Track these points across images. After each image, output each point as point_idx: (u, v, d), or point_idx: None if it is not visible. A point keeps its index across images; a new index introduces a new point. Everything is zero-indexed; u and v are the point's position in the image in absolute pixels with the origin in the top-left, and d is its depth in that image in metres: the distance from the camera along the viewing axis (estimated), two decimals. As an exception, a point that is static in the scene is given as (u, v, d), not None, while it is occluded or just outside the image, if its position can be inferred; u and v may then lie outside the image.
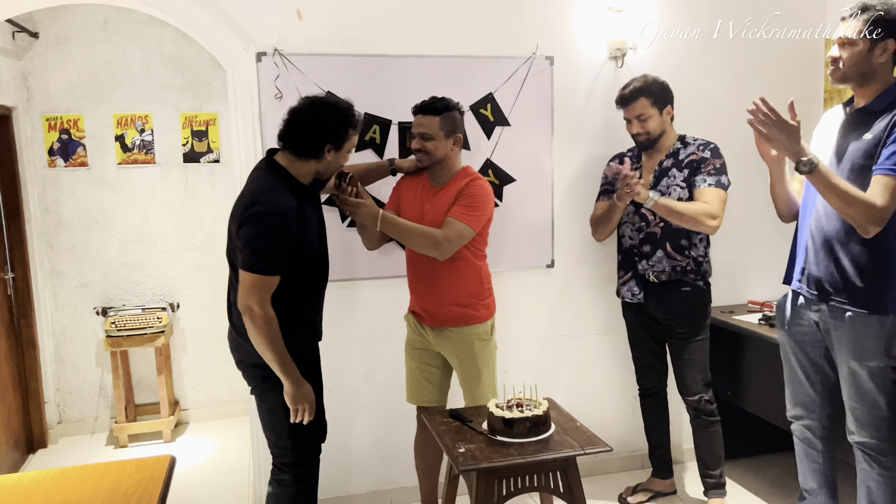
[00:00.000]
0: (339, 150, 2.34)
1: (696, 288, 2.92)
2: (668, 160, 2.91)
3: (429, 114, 2.60)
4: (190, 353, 4.46)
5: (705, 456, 3.06)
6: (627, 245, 3.00)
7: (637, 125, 2.88)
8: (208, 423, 4.45)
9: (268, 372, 2.32)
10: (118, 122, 4.21)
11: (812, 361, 2.45)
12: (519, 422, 2.29)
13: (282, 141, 2.33)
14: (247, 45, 2.89)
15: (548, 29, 3.16)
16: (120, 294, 4.30)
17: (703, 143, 2.90)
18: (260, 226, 2.21)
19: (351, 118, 2.33)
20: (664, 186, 2.88)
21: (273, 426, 2.42)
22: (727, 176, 2.86)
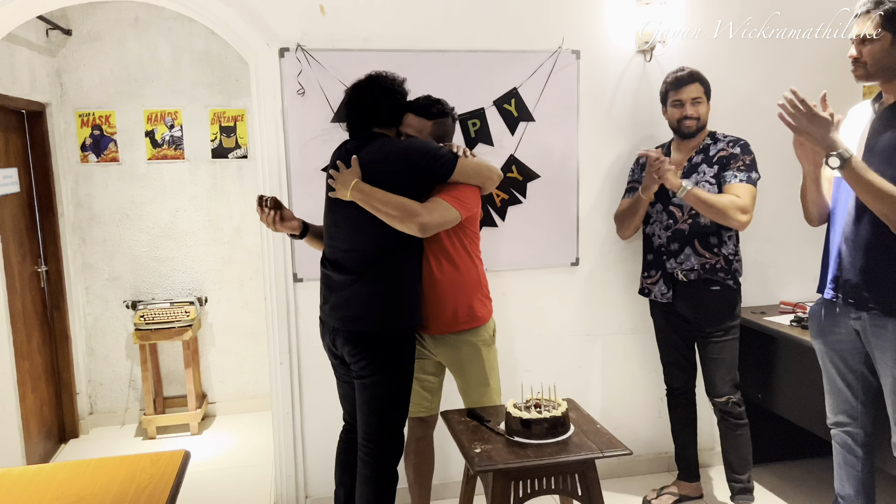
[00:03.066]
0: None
1: (725, 287, 2.86)
2: (699, 156, 2.86)
3: (421, 116, 2.50)
4: (217, 347, 4.51)
5: (732, 459, 2.98)
6: (657, 244, 2.94)
7: (690, 107, 2.83)
8: (235, 416, 4.49)
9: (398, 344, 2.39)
10: (148, 118, 4.26)
11: (852, 369, 2.35)
12: (537, 423, 2.25)
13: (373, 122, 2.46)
14: (270, 40, 2.89)
15: (574, 22, 3.10)
16: (149, 288, 4.36)
17: (732, 139, 2.86)
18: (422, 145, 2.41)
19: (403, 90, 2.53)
20: (693, 182, 2.81)
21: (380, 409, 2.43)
22: (757, 172, 2.81)
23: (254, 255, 4.41)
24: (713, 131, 2.91)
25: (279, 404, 3.07)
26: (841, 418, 2.41)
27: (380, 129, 2.47)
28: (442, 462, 3.21)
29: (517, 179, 3.13)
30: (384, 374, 2.40)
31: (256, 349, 4.49)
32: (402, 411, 2.48)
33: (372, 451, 2.44)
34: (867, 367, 2.31)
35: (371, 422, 2.43)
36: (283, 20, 2.89)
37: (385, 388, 2.41)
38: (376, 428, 2.43)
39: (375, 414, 2.42)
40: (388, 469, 2.46)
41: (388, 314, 2.39)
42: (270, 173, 2.94)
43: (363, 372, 2.40)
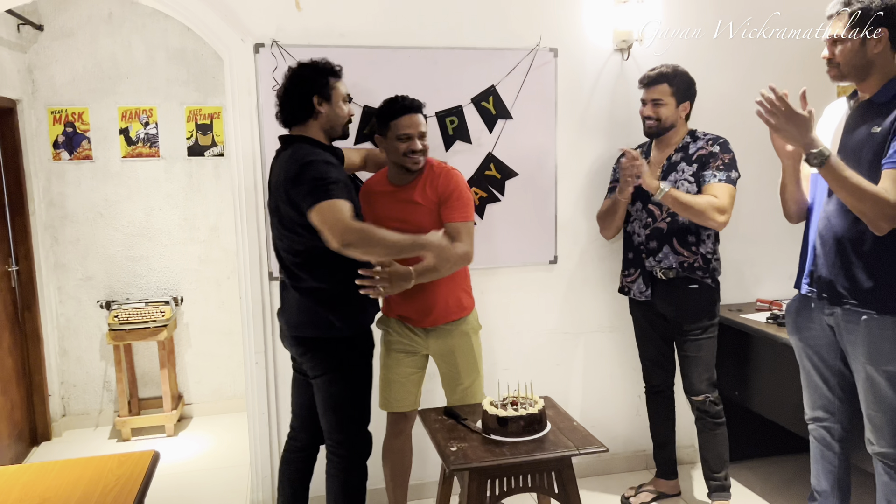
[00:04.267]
0: (330, 100, 2.35)
1: (704, 286, 2.86)
2: (678, 154, 2.86)
3: (419, 113, 2.54)
4: (194, 348, 4.45)
5: (709, 458, 2.99)
6: (636, 242, 2.94)
7: (650, 108, 2.83)
8: (211, 417, 4.44)
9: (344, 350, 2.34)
10: (123, 116, 4.20)
11: (828, 365, 2.36)
12: (513, 420, 2.24)
13: (282, 121, 2.40)
14: (244, 36, 2.86)
15: (552, 20, 3.10)
16: (124, 287, 4.30)
17: (712, 137, 2.85)
18: (310, 168, 2.21)
19: (326, 67, 2.36)
20: (672, 181, 2.81)
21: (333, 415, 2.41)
22: (737, 171, 2.80)
23: (230, 255, 4.36)
24: (693, 129, 2.90)
25: (255, 405, 3.03)
26: (818, 413, 2.42)
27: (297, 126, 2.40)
28: (419, 462, 3.18)
29: (495, 177, 3.11)
30: (333, 374, 2.39)
31: (233, 349, 4.43)
32: (360, 410, 2.45)
33: (336, 450, 2.43)
34: (843, 362, 2.32)
35: (330, 419, 2.41)
36: (257, 15, 2.85)
37: (338, 387, 2.39)
38: (336, 426, 2.41)
39: (333, 411, 2.41)
40: (353, 467, 2.44)
41: (324, 322, 2.35)
42: (245, 171, 2.91)
43: (312, 373, 2.41)
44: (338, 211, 2.14)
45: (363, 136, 2.97)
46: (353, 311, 2.39)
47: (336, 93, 2.37)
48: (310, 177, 2.19)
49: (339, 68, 2.41)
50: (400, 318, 2.68)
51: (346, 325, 2.35)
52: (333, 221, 2.13)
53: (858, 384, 2.22)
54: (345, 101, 2.42)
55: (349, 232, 2.13)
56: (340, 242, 2.13)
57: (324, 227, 2.15)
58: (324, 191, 2.15)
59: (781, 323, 2.99)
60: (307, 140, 2.35)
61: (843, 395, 2.37)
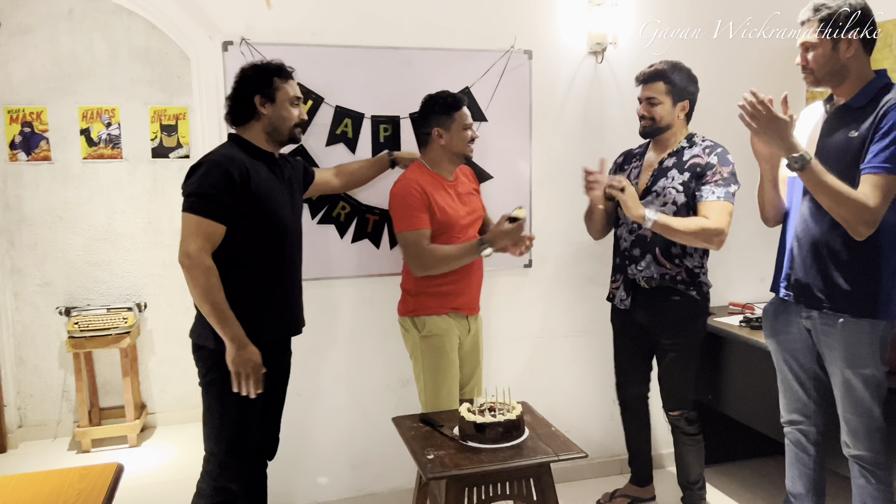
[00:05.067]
0: (273, 100, 2.28)
1: (687, 297, 2.71)
2: (671, 159, 2.71)
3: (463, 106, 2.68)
4: (158, 355, 4.32)
5: (685, 467, 2.91)
6: (622, 248, 2.82)
7: (645, 107, 2.71)
8: (176, 427, 4.30)
9: (212, 362, 2.19)
10: (84, 116, 4.07)
11: (804, 368, 2.36)
12: (491, 427, 2.20)
13: (228, 121, 2.34)
14: (212, 33, 2.77)
15: (526, 22, 3.07)
16: (84, 293, 4.15)
17: (710, 145, 2.69)
18: (200, 170, 2.15)
19: (270, 66, 2.30)
20: (660, 187, 2.68)
21: (205, 426, 2.27)
22: (736, 182, 2.64)
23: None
24: (692, 133, 2.74)
25: (222, 413, 2.94)
26: (794, 416, 2.42)
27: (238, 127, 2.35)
28: (393, 470, 3.13)
29: (469, 180, 3.07)
30: (203, 389, 2.29)
31: (199, 357, 4.31)
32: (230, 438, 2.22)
33: (204, 463, 2.31)
34: (819, 365, 2.33)
35: (203, 428, 2.29)
36: (226, 12, 2.77)
37: (206, 403, 2.27)
38: (206, 437, 2.29)
39: (204, 429, 2.28)
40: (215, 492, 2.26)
41: (198, 329, 2.26)
42: (213, 172, 2.82)
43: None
44: (189, 227, 2.12)
45: (336, 136, 2.90)
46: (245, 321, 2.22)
47: (281, 94, 2.29)
48: (193, 178, 2.16)
49: (290, 69, 2.35)
50: (455, 311, 2.70)
51: (217, 337, 2.17)
52: (182, 236, 2.13)
53: (835, 387, 2.22)
54: (293, 103, 2.33)
55: (185, 256, 2.11)
56: (179, 260, 2.13)
57: (181, 238, 2.14)
58: (189, 199, 2.14)
59: (755, 326, 3.00)
60: (238, 141, 2.30)
61: (818, 399, 2.37)
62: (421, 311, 2.67)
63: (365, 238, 2.99)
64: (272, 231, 2.28)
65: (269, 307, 2.29)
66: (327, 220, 2.94)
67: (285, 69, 2.33)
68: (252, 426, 2.26)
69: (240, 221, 2.18)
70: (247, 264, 2.23)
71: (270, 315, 2.30)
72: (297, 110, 2.34)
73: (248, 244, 2.22)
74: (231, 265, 2.18)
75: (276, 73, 2.30)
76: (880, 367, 2.14)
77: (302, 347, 2.85)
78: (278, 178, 2.35)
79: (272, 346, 2.32)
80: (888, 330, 2.15)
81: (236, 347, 2.14)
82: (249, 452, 2.28)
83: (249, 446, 2.27)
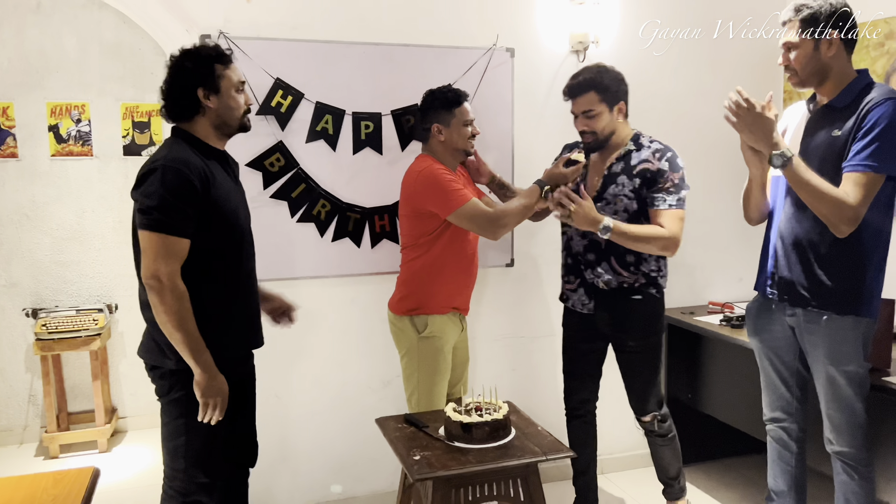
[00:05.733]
0: (218, 91, 2.07)
1: (648, 296, 2.62)
2: (618, 164, 2.57)
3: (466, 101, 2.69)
4: (129, 358, 4.21)
5: (663, 466, 2.86)
6: (574, 250, 2.69)
7: (583, 122, 2.55)
8: (148, 431, 4.19)
9: (175, 380, 2.05)
10: (52, 112, 3.95)
11: (787, 366, 2.37)
12: (478, 426, 2.17)
13: (167, 117, 2.12)
14: (189, 26, 2.71)
15: (509, 20, 3.06)
16: (52, 294, 4.03)
17: (659, 148, 2.54)
18: (155, 177, 1.94)
19: (210, 53, 2.08)
20: (611, 195, 2.55)
21: (169, 444, 2.11)
22: (686, 186, 2.55)
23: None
24: (638, 133, 2.61)
25: (199, 416, 2.86)
26: (777, 414, 2.43)
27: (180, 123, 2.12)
28: (375, 471, 3.08)
29: (451, 178, 3.04)
30: (164, 406, 2.12)
31: (172, 359, 4.21)
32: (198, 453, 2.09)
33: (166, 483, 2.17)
34: (802, 363, 2.34)
35: (163, 449, 2.14)
36: (203, 5, 2.71)
37: (169, 420, 2.11)
38: (167, 458, 2.14)
39: (164, 446, 2.13)
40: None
41: (152, 348, 2.08)
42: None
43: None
44: (154, 247, 1.93)
45: (316, 133, 2.85)
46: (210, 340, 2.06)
47: (226, 82, 2.08)
48: (149, 187, 1.95)
49: (229, 52, 2.13)
50: (455, 310, 2.69)
51: (178, 358, 2.02)
52: (147, 256, 1.95)
53: (818, 384, 2.23)
54: (238, 89, 2.12)
55: (154, 279, 1.93)
56: (145, 281, 1.95)
57: (143, 257, 1.96)
58: (149, 215, 1.94)
59: (735, 325, 3.02)
60: (185, 137, 2.09)
61: (801, 396, 2.39)
62: (424, 309, 2.62)
63: (346, 237, 2.95)
64: (231, 239, 2.11)
65: (233, 321, 2.14)
66: (307, 218, 2.89)
67: (225, 53, 2.12)
68: (220, 438, 2.13)
69: (200, 231, 2.00)
70: (208, 277, 2.05)
71: (235, 329, 2.15)
72: (244, 96, 2.15)
73: (208, 255, 2.04)
74: (192, 278, 1.99)
75: (217, 60, 2.08)
76: (863, 364, 2.16)
77: (281, 349, 2.80)
78: (231, 179, 2.19)
79: (236, 361, 2.19)
80: (871, 327, 2.17)
81: (208, 378, 1.99)
82: (219, 464, 2.15)
83: (219, 458, 2.14)
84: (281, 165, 2.83)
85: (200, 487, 2.11)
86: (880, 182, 2.04)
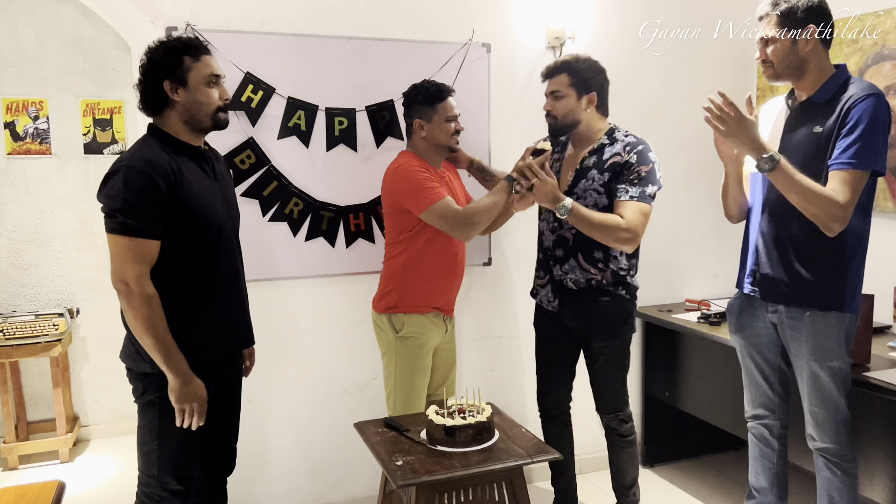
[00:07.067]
0: (185, 84, 1.99)
1: (616, 297, 2.56)
2: (591, 158, 2.52)
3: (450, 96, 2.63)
4: (92, 364, 4.06)
5: (620, 472, 2.77)
6: (545, 245, 2.66)
7: (549, 103, 2.53)
8: (112, 439, 4.05)
9: (152, 384, 1.99)
10: (8, 108, 3.79)
11: (769, 363, 2.36)
12: (461, 430, 2.11)
13: (142, 110, 2.06)
14: (155, 18, 2.60)
15: (484, 14, 3.01)
16: (9, 299, 3.86)
17: (631, 141, 2.49)
18: (118, 178, 1.88)
19: (178, 44, 2.01)
20: (581, 189, 2.50)
21: (142, 448, 2.04)
22: (654, 183, 2.45)
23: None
24: (613, 128, 2.56)
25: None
26: (759, 411, 2.42)
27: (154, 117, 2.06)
28: (353, 477, 3.01)
29: (427, 176, 2.98)
30: (140, 408, 2.06)
31: (137, 364, 4.07)
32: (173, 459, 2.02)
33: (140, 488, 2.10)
34: (784, 360, 2.33)
35: (138, 451, 2.08)
36: (170, -4, 2.61)
37: (144, 423, 2.04)
38: (141, 463, 2.07)
39: (139, 450, 2.07)
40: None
41: (131, 353, 2.03)
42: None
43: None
44: (121, 251, 1.88)
45: (288, 129, 2.76)
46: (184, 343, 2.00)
47: (194, 74, 2.00)
48: (111, 189, 1.89)
49: (201, 44, 2.05)
50: (436, 311, 2.63)
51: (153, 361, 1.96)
52: (115, 260, 1.90)
53: (801, 381, 2.23)
54: (210, 83, 2.03)
55: (122, 283, 1.88)
56: (113, 285, 1.91)
57: (111, 260, 1.92)
58: (113, 217, 1.88)
59: (713, 322, 3.01)
60: (157, 133, 2.03)
61: (783, 393, 2.38)
62: (402, 308, 2.57)
63: (319, 236, 2.87)
64: (205, 238, 2.03)
65: (207, 322, 2.06)
66: (279, 217, 2.80)
67: (197, 44, 2.03)
68: (196, 444, 2.05)
69: (168, 231, 1.94)
70: (177, 278, 1.98)
71: (210, 331, 2.08)
72: (217, 90, 2.05)
73: (177, 255, 1.98)
74: (163, 279, 1.94)
75: (185, 51, 2.00)
76: (846, 360, 2.15)
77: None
78: (208, 176, 2.09)
79: (214, 364, 2.11)
80: (853, 323, 2.17)
81: (181, 383, 1.94)
82: (194, 471, 2.07)
83: (194, 465, 2.06)
84: (252, 163, 2.74)
85: (173, 494, 2.04)
86: (866, 178, 2.04)
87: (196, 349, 2.01)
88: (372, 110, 2.86)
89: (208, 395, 2.03)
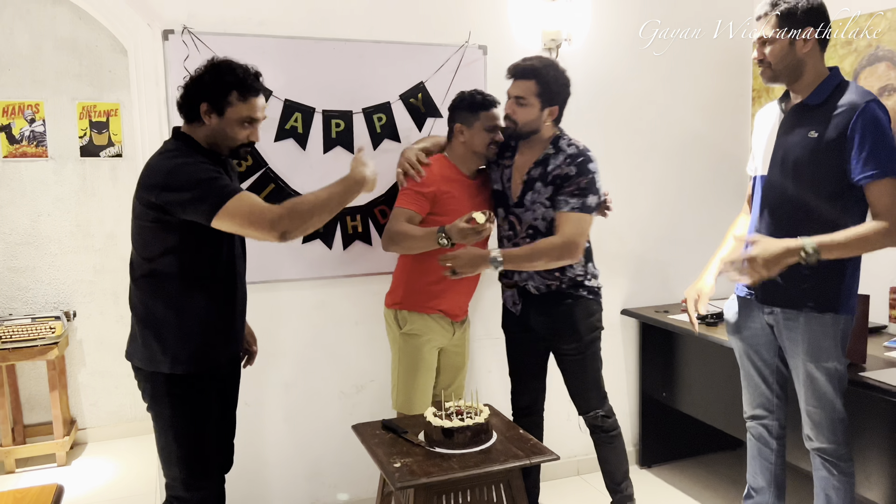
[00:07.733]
0: (221, 114, 2.01)
1: (578, 299, 2.57)
2: (537, 169, 2.51)
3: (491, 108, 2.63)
4: (88, 367, 4.05)
5: (610, 470, 2.77)
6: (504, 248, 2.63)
7: (511, 106, 2.48)
8: (110, 443, 4.05)
9: (164, 389, 2.01)
10: (4, 111, 3.78)
11: (767, 363, 2.37)
12: (459, 431, 2.11)
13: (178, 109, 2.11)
14: (152, 21, 2.60)
15: (481, 17, 3.01)
16: (6, 302, 3.86)
17: (572, 153, 2.47)
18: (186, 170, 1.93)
19: (233, 77, 2.00)
20: (529, 202, 2.51)
21: (164, 449, 2.07)
22: (595, 193, 2.45)
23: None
24: (558, 136, 2.53)
25: (165, 426, 2.75)
26: (758, 412, 2.43)
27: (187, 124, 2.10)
28: (349, 479, 3.01)
29: (424, 178, 2.99)
30: (153, 414, 2.08)
31: (134, 367, 4.07)
32: (190, 460, 2.06)
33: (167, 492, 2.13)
34: (781, 360, 2.34)
35: (160, 456, 2.11)
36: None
37: (159, 427, 2.07)
38: (164, 465, 2.10)
39: (160, 454, 2.10)
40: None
41: (142, 353, 2.04)
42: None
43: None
44: (248, 206, 1.90)
45: (285, 132, 2.77)
46: (184, 346, 2.03)
47: (233, 111, 2.01)
48: (186, 180, 1.91)
49: (260, 86, 2.06)
50: (442, 313, 2.63)
51: (171, 360, 2.01)
52: (252, 219, 1.89)
53: (797, 381, 2.24)
54: (245, 123, 2.04)
55: (278, 220, 1.90)
56: (276, 234, 1.90)
57: (242, 229, 1.92)
58: (217, 192, 1.90)
59: (710, 323, 3.02)
60: (183, 138, 2.06)
61: (781, 394, 2.39)
62: (406, 305, 2.60)
63: (316, 238, 2.87)
64: (222, 237, 2.06)
65: (231, 319, 2.15)
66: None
67: (251, 84, 2.02)
68: (210, 443, 2.10)
69: (193, 227, 1.95)
70: (205, 274, 2.05)
71: (233, 329, 2.17)
72: (248, 131, 2.07)
73: (203, 252, 2.03)
74: (187, 277, 2.00)
75: (237, 87, 2.00)
76: (842, 360, 2.16)
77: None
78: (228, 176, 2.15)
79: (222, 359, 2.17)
80: (849, 323, 2.18)
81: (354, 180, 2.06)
82: (211, 470, 2.12)
83: (211, 463, 2.11)
84: (249, 165, 2.74)
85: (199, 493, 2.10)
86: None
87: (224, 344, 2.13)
88: (368, 113, 2.87)
89: (211, 397, 2.08)
